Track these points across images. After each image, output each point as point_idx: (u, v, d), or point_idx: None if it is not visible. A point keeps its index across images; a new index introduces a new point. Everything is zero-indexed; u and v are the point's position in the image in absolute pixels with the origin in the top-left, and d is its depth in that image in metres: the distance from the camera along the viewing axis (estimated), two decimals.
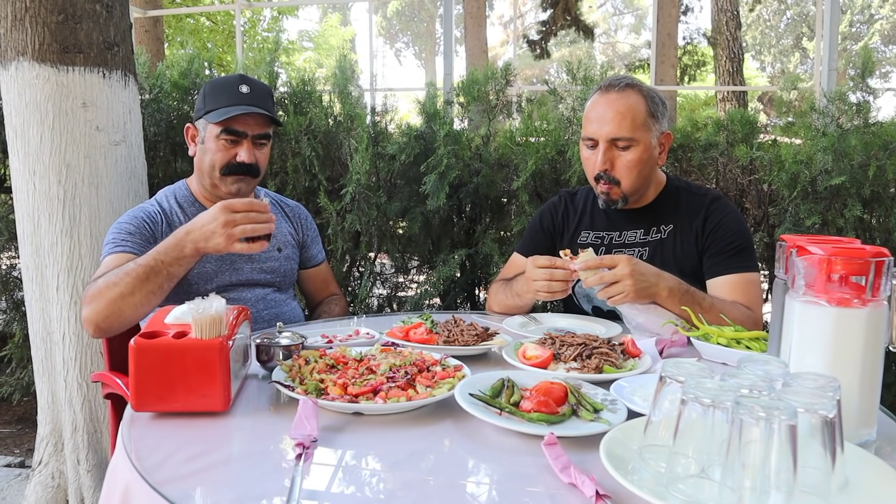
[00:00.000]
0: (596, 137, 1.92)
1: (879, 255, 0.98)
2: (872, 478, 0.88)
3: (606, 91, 1.94)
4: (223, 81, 1.99)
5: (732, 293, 1.85)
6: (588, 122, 1.96)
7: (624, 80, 1.96)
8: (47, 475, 2.52)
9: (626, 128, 1.88)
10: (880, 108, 2.76)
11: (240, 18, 7.11)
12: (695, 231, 1.96)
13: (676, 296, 1.72)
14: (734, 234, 1.92)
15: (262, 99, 1.99)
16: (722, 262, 1.90)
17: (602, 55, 27.09)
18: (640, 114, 1.90)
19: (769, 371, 0.88)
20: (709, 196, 2.00)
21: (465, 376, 1.27)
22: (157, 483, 0.91)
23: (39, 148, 2.30)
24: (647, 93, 1.93)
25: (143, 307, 1.64)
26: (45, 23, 2.26)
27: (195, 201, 2.04)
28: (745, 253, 1.90)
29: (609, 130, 1.89)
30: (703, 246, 1.94)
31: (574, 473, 0.89)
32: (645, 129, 1.90)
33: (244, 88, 1.96)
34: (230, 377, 1.16)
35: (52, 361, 2.45)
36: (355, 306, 3.06)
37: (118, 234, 1.85)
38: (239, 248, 1.57)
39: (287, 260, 2.13)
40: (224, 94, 1.95)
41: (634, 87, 1.94)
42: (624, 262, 1.66)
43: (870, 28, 21.87)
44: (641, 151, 1.90)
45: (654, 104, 1.93)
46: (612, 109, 1.90)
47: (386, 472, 0.97)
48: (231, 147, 1.95)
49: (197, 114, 2.01)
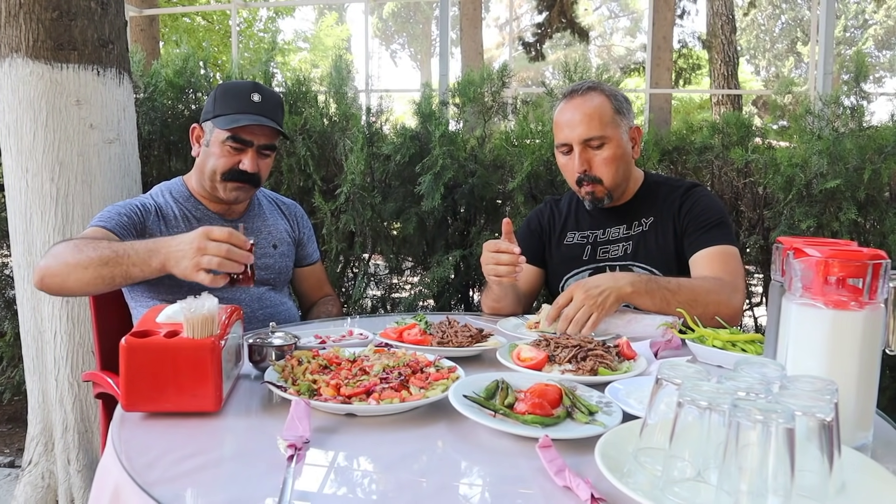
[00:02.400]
0: (569, 142, 1.99)
1: (877, 258, 0.98)
2: (869, 481, 0.87)
3: (570, 97, 2.01)
4: (235, 87, 1.99)
5: (711, 265, 1.88)
6: (559, 129, 2.02)
7: (585, 83, 2.03)
8: (37, 475, 2.50)
9: (596, 127, 1.95)
10: (874, 112, 2.77)
11: (235, 18, 7.10)
12: (672, 217, 2.01)
13: (642, 287, 1.72)
14: (709, 211, 1.98)
15: (273, 110, 1.99)
16: (698, 238, 1.95)
17: (597, 58, 27.14)
18: (607, 112, 1.97)
19: (766, 374, 0.87)
20: (685, 185, 2.07)
21: (459, 378, 1.26)
22: (147, 484, 0.89)
23: (32, 145, 2.28)
24: (609, 92, 2.00)
25: (88, 287, 1.62)
26: (40, 19, 2.24)
27: (191, 196, 2.04)
28: (720, 227, 1.95)
29: (580, 132, 1.96)
30: (681, 229, 2.00)
31: (569, 476, 0.88)
32: (613, 126, 1.97)
33: (256, 97, 1.95)
34: (222, 377, 1.15)
35: (44, 360, 2.43)
36: (349, 307, 3.05)
37: (108, 212, 1.86)
38: (201, 279, 1.50)
39: (283, 257, 2.13)
40: (235, 101, 1.94)
41: (596, 88, 2.01)
42: (573, 289, 1.70)
43: (864, 33, 21.99)
44: (615, 147, 1.97)
45: (617, 101, 1.99)
46: (579, 112, 1.97)
47: (379, 474, 0.96)
48: (235, 154, 1.94)
49: (205, 116, 2.00)
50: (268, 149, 1.99)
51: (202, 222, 1.99)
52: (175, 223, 1.96)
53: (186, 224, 1.97)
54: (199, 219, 2.00)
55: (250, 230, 2.07)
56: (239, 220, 2.07)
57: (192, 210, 2.01)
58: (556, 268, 2.17)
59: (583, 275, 2.06)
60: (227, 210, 2.06)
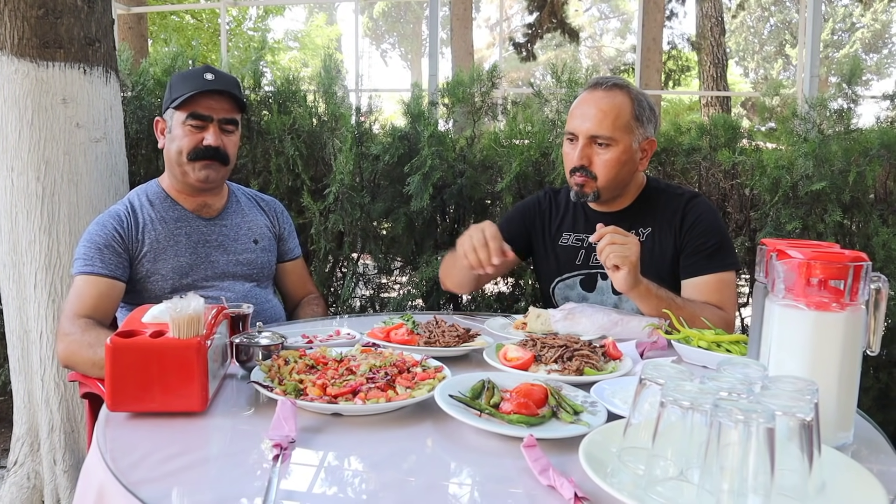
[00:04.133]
0: (576, 132, 1.92)
1: (858, 260, 0.99)
2: (849, 481, 0.88)
3: (594, 88, 1.93)
4: (188, 72, 2.02)
5: (706, 294, 1.87)
6: (572, 117, 1.96)
7: (613, 79, 1.94)
8: (23, 475, 2.49)
9: (607, 126, 1.87)
10: (861, 115, 2.79)
11: (225, 17, 7.08)
12: (673, 230, 1.96)
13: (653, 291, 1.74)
14: (710, 232, 1.92)
15: (228, 85, 1.99)
16: (697, 262, 1.91)
17: (588, 59, 27.22)
18: (624, 115, 1.89)
19: (748, 374, 0.88)
20: (686, 195, 2.00)
21: (446, 377, 1.27)
22: (131, 484, 0.89)
23: (18, 144, 2.27)
24: (634, 95, 1.92)
25: None
26: (25, 17, 2.23)
27: (167, 197, 2.03)
28: (720, 252, 1.91)
29: (589, 127, 1.89)
30: (680, 244, 1.95)
31: (553, 475, 0.89)
32: (626, 131, 1.89)
33: (209, 76, 1.96)
34: (208, 377, 1.15)
35: (29, 360, 2.41)
36: (338, 307, 3.04)
37: (89, 250, 1.87)
38: None
39: (264, 251, 2.13)
40: (189, 82, 1.95)
41: (622, 87, 1.92)
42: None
43: (851, 36, 22.16)
44: (620, 152, 1.89)
45: (640, 107, 1.91)
46: (595, 107, 1.89)
47: (365, 473, 0.96)
48: (197, 132, 1.95)
49: (164, 106, 2.02)
50: (229, 123, 1.99)
51: (180, 223, 1.99)
52: (151, 226, 1.96)
53: (164, 226, 1.97)
54: (175, 220, 2.00)
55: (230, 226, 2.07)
56: (216, 218, 2.06)
57: (169, 211, 2.01)
58: (548, 268, 2.13)
59: (574, 280, 2.05)
60: (203, 207, 2.05)
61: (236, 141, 2.05)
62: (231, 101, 1.98)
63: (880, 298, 1.05)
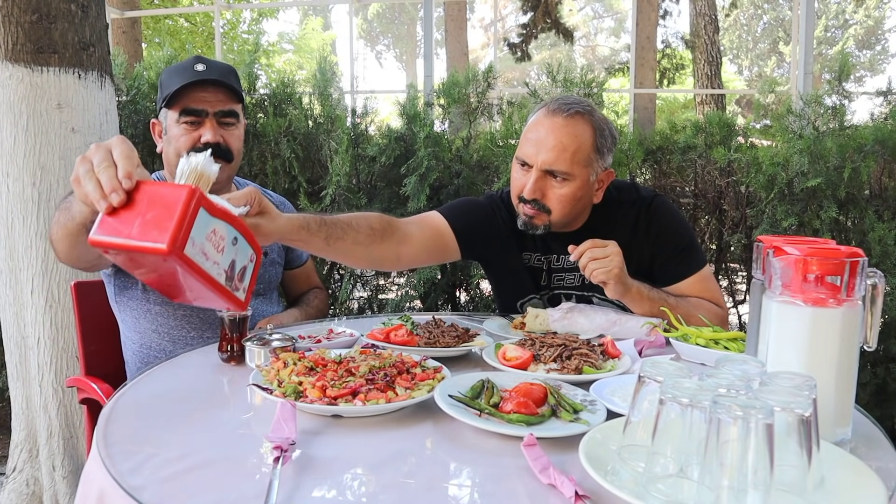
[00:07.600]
0: (530, 162, 1.74)
1: (854, 256, 0.99)
2: (848, 476, 0.89)
3: (554, 114, 1.73)
4: (178, 65, 1.85)
5: (695, 295, 1.85)
6: (526, 141, 1.76)
7: (575, 105, 1.74)
8: (21, 482, 2.48)
9: (566, 161, 1.70)
10: (855, 111, 2.81)
11: (219, 20, 7.07)
12: (639, 239, 1.85)
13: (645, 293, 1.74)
14: (679, 234, 1.86)
15: (221, 74, 1.84)
16: (676, 268, 1.85)
17: (582, 58, 27.24)
18: (585, 147, 1.72)
19: (746, 370, 0.89)
20: (643, 200, 1.87)
21: (445, 378, 1.27)
22: (132, 488, 0.89)
23: (13, 149, 2.27)
24: (597, 124, 1.75)
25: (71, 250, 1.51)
26: (19, 22, 2.23)
27: None
28: (693, 251, 1.87)
29: (545, 160, 1.71)
30: (651, 252, 1.86)
31: (553, 474, 0.89)
32: (585, 165, 1.73)
33: (199, 67, 1.81)
34: (192, 223, 1.06)
35: (27, 366, 2.41)
36: (336, 308, 3.04)
37: None
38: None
39: (272, 264, 2.04)
40: (179, 76, 1.80)
41: (585, 115, 1.74)
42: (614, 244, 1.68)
43: (844, 33, 22.22)
44: (577, 188, 1.74)
45: (601, 138, 1.75)
46: (553, 136, 1.71)
47: (365, 475, 0.96)
48: (194, 129, 1.81)
49: (157, 106, 1.90)
50: (228, 116, 1.84)
51: None
52: None
53: None
54: None
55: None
56: None
57: None
58: (512, 286, 2.00)
59: (538, 301, 1.97)
60: None
61: (239, 134, 1.90)
62: (226, 91, 1.83)
63: (877, 294, 1.06)
